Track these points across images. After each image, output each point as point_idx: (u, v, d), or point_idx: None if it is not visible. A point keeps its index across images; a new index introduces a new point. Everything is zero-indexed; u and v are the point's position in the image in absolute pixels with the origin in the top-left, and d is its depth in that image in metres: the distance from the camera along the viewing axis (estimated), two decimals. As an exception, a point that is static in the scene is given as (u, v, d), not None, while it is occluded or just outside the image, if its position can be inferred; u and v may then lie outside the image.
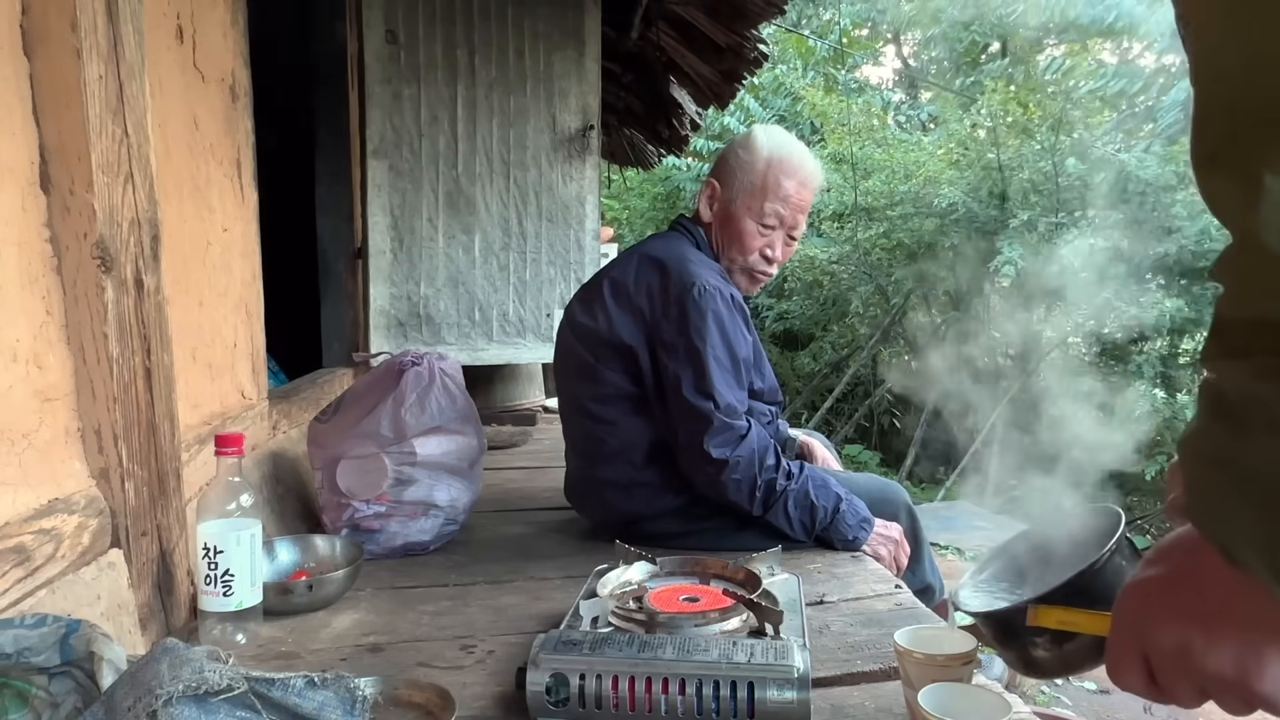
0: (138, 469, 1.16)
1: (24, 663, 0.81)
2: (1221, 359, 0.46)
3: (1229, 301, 0.45)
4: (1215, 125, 0.44)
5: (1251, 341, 0.43)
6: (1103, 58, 8.38)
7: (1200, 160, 0.45)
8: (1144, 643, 0.52)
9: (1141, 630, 0.52)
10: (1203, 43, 0.45)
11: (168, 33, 1.43)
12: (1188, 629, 0.49)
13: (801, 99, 8.97)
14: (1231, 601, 0.47)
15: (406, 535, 1.64)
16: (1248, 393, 0.43)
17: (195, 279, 1.52)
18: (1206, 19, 0.44)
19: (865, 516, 1.62)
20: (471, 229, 2.89)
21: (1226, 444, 0.45)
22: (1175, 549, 0.52)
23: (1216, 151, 0.44)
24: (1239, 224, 0.43)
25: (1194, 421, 0.48)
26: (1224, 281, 0.45)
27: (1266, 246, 0.41)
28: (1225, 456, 0.45)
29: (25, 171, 1.01)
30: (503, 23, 2.84)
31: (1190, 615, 0.49)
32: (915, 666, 0.95)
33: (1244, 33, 0.41)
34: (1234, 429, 0.44)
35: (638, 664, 0.96)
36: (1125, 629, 0.54)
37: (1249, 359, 0.43)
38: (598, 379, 1.69)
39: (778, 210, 1.71)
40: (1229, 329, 0.45)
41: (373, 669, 1.14)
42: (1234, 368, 0.44)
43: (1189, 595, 0.50)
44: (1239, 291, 0.44)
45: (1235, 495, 0.45)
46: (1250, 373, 0.43)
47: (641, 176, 9.74)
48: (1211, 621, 0.48)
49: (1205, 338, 0.47)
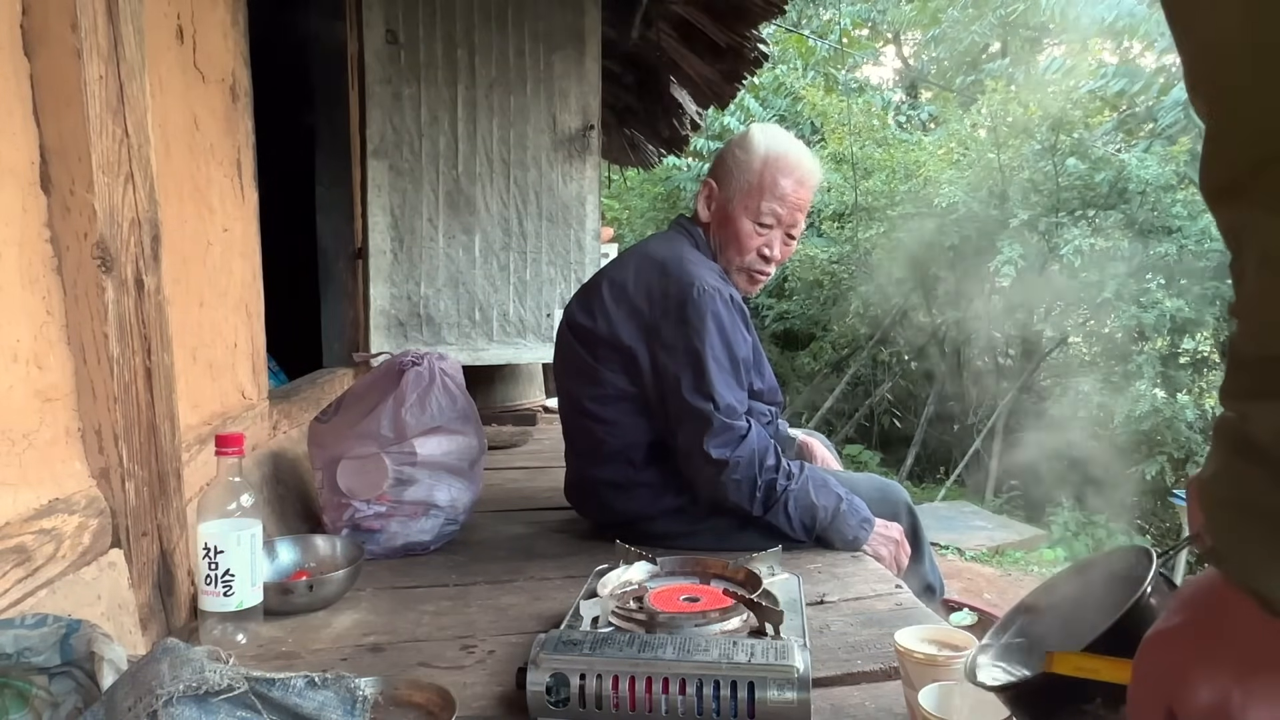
0: (138, 469, 1.16)
1: (24, 663, 0.81)
2: (1247, 400, 0.43)
3: (1255, 338, 0.42)
4: (1233, 153, 0.42)
5: (1277, 380, 0.41)
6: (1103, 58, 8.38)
7: (1215, 190, 0.43)
8: (1171, 697, 0.48)
9: (1168, 684, 0.48)
10: (1215, 69, 0.42)
11: (168, 33, 1.43)
12: (1224, 683, 0.45)
13: (801, 99, 8.98)
14: (1272, 654, 0.44)
15: (407, 535, 1.64)
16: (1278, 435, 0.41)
17: (195, 279, 1.52)
18: (1220, 45, 0.42)
19: (866, 516, 1.62)
20: (472, 229, 2.89)
21: (1258, 487, 0.42)
22: (1199, 597, 0.48)
23: (1237, 181, 0.41)
24: (1259, 256, 0.41)
25: (1214, 463, 0.45)
26: (1248, 319, 0.43)
27: None
28: (1258, 501, 0.42)
29: (25, 172, 1.01)
30: (503, 23, 2.84)
31: (1225, 668, 0.45)
32: (915, 666, 0.95)
33: (1266, 57, 0.39)
34: (1269, 472, 0.42)
35: (638, 664, 0.96)
36: (1148, 681, 0.50)
37: (1277, 399, 0.41)
38: (597, 379, 1.69)
39: (775, 209, 1.71)
40: (1255, 367, 0.42)
41: (373, 669, 1.14)
42: (1263, 409, 0.42)
43: (1221, 647, 0.46)
44: (1267, 327, 0.42)
45: (1272, 541, 0.42)
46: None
47: (641, 176, 9.75)
48: (1250, 675, 0.44)
49: (1225, 377, 0.44)
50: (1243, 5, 0.39)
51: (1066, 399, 6.83)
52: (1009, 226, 6.89)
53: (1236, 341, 0.44)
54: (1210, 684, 0.45)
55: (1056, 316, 7.27)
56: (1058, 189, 6.88)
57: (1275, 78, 0.39)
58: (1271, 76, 0.39)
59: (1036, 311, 7.27)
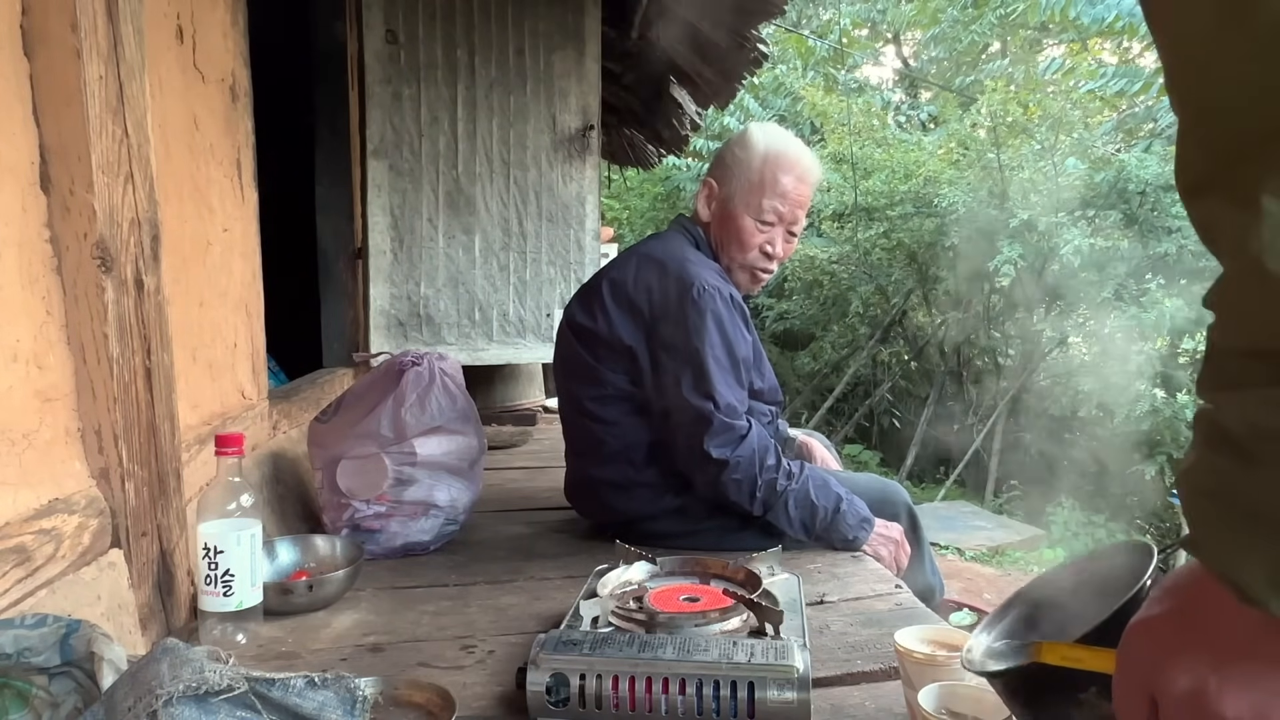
0: (138, 469, 1.16)
1: (24, 663, 0.81)
2: (1222, 390, 0.44)
3: (1228, 331, 0.44)
4: (1206, 150, 0.43)
5: (1256, 372, 0.42)
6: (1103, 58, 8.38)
7: (1190, 187, 0.44)
8: (1152, 685, 0.49)
9: (1149, 672, 0.49)
10: (1189, 69, 0.43)
11: (168, 33, 1.43)
12: (1201, 670, 0.46)
13: (801, 99, 8.97)
14: (1247, 641, 0.45)
15: (406, 535, 1.64)
16: (1255, 425, 0.42)
17: (195, 279, 1.52)
18: (1193, 45, 0.43)
19: (865, 516, 1.62)
20: (471, 229, 2.89)
21: (1233, 478, 0.43)
22: (1180, 586, 0.49)
23: (1210, 177, 0.42)
24: (1237, 250, 0.41)
25: (1192, 454, 0.46)
26: (1222, 311, 0.44)
27: (1269, 272, 0.39)
28: (1232, 491, 0.43)
29: (25, 171, 1.01)
30: (503, 23, 2.84)
31: (1202, 656, 0.46)
32: (915, 666, 0.95)
33: (1235, 58, 0.40)
34: (1241, 462, 0.42)
35: (638, 664, 0.96)
36: (1131, 670, 0.51)
37: (1254, 390, 0.42)
38: (598, 379, 1.69)
39: (776, 206, 1.71)
40: (1229, 359, 0.44)
41: (373, 669, 1.14)
42: (1237, 399, 0.43)
43: (1199, 635, 0.47)
44: (1240, 321, 0.43)
45: (1245, 530, 0.43)
46: (1256, 405, 0.42)
47: (641, 176, 9.75)
48: (1226, 663, 0.46)
49: (1201, 368, 0.45)
50: (1214, 10, 0.40)
51: (1066, 399, 6.83)
52: (1009, 226, 6.88)
53: (1211, 333, 0.45)
54: (1189, 672, 0.46)
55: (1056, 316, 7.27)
56: (1058, 189, 6.87)
57: (1243, 79, 0.40)
58: (1240, 78, 0.40)
59: (1036, 311, 7.27)
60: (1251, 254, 0.40)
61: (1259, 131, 0.39)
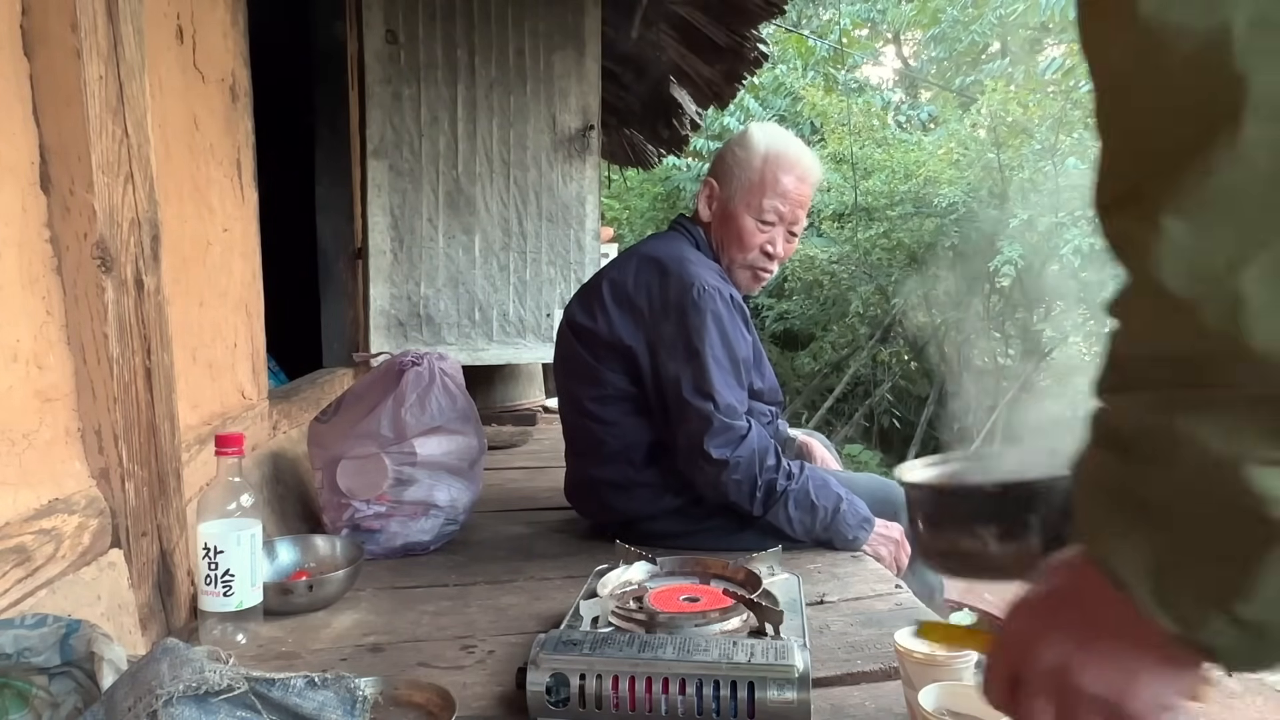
0: (138, 469, 1.16)
1: (24, 663, 0.81)
2: (1114, 392, 0.48)
3: (1124, 338, 0.47)
4: (1121, 170, 0.46)
5: (1144, 377, 0.45)
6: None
7: (1103, 205, 0.47)
8: (1019, 663, 0.53)
9: (1022, 645, 0.53)
10: (1113, 95, 0.47)
11: (168, 33, 1.43)
12: (1067, 648, 0.50)
13: (801, 99, 8.96)
14: (1111, 623, 0.48)
15: (406, 535, 1.64)
16: (1139, 425, 0.45)
17: (195, 279, 1.52)
18: (1117, 76, 0.46)
19: (866, 516, 1.62)
20: (471, 229, 2.89)
21: (1116, 472, 0.47)
22: (1063, 569, 0.53)
23: (1122, 195, 0.46)
24: (1137, 265, 0.45)
25: (1085, 449, 0.50)
26: (1120, 319, 0.47)
27: (1161, 286, 0.43)
28: (1115, 484, 0.47)
29: (25, 171, 1.01)
30: (503, 23, 2.84)
31: (1072, 634, 0.50)
32: (915, 666, 0.95)
33: (1150, 89, 0.43)
34: (1124, 458, 0.46)
35: (638, 664, 0.96)
36: (1003, 648, 0.55)
37: (1142, 393, 0.45)
38: (598, 379, 1.69)
39: (777, 206, 1.71)
40: (1123, 364, 0.47)
41: (373, 669, 1.14)
42: (1127, 400, 0.47)
43: (1072, 615, 0.51)
44: (1134, 329, 0.46)
45: (1122, 521, 0.46)
46: (1143, 406, 0.45)
47: (641, 176, 9.74)
48: (1090, 641, 0.49)
49: (1099, 371, 0.48)
50: (1134, 47, 0.43)
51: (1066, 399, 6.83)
52: (1009, 226, 6.88)
53: (1112, 341, 0.47)
54: (1055, 647, 0.51)
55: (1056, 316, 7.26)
56: (1058, 189, 6.87)
57: (1157, 111, 0.44)
58: (1154, 110, 0.44)
59: (1036, 311, 7.27)
60: (1150, 269, 0.43)
61: (1167, 151, 0.43)
